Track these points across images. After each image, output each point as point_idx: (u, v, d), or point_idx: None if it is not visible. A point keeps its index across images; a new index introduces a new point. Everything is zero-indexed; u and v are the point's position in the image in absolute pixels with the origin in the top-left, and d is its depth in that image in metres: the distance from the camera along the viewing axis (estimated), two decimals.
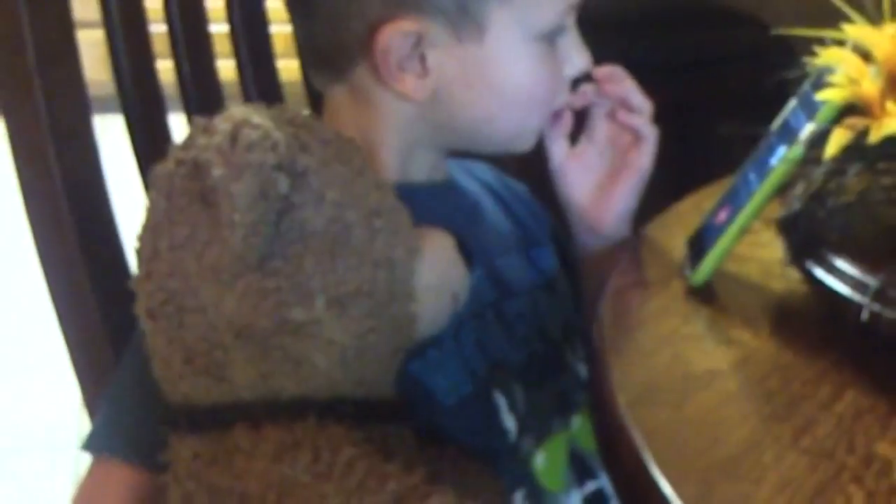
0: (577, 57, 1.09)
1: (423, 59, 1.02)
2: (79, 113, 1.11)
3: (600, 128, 1.15)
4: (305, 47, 1.11)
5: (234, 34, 1.31)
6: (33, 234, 1.11)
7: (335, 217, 0.86)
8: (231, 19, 1.31)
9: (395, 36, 1.00)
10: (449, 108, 1.05)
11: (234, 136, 0.83)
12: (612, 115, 1.15)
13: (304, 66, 1.10)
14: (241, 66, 1.32)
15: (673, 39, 2.22)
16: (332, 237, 0.86)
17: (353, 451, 0.85)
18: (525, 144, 1.11)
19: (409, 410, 0.95)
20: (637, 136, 1.14)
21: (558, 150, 1.15)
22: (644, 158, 1.14)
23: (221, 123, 0.85)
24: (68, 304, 1.12)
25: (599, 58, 1.12)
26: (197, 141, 0.86)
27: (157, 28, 1.20)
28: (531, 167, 1.17)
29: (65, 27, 1.11)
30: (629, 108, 1.13)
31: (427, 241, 0.93)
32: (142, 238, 0.90)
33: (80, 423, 1.04)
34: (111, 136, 1.20)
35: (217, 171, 0.82)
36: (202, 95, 1.25)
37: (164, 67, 1.20)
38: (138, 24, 1.18)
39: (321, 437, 0.85)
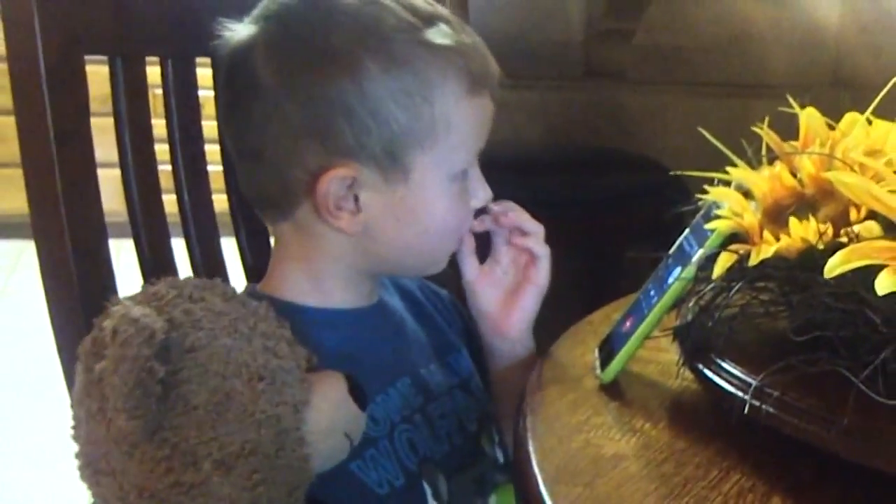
0: (481, 191, 1.09)
1: (356, 198, 1.01)
2: (97, 237, 1.11)
3: (502, 251, 1.15)
4: (253, 192, 1.08)
5: (227, 173, 1.31)
6: (55, 336, 1.10)
7: (218, 387, 0.84)
8: (225, 161, 1.31)
9: (333, 181, 0.99)
10: (379, 239, 1.03)
11: (114, 333, 0.81)
12: (510, 240, 1.14)
13: (252, 208, 1.09)
14: (232, 199, 1.32)
15: (591, 180, 2.24)
16: (214, 406, 0.83)
17: None
18: (438, 268, 1.11)
19: None
20: (532, 256, 1.14)
21: (469, 268, 1.14)
22: (541, 273, 1.14)
23: (106, 320, 0.83)
24: None
25: (531, 196, 1.13)
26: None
27: (164, 167, 1.20)
28: (450, 280, 1.18)
29: (87, 166, 1.11)
30: (524, 233, 1.13)
31: (317, 388, 0.90)
32: (72, 406, 0.88)
33: None
34: (124, 256, 1.19)
35: (99, 365, 0.81)
36: (200, 224, 1.25)
37: (169, 200, 1.20)
38: (148, 165, 1.18)
39: None
